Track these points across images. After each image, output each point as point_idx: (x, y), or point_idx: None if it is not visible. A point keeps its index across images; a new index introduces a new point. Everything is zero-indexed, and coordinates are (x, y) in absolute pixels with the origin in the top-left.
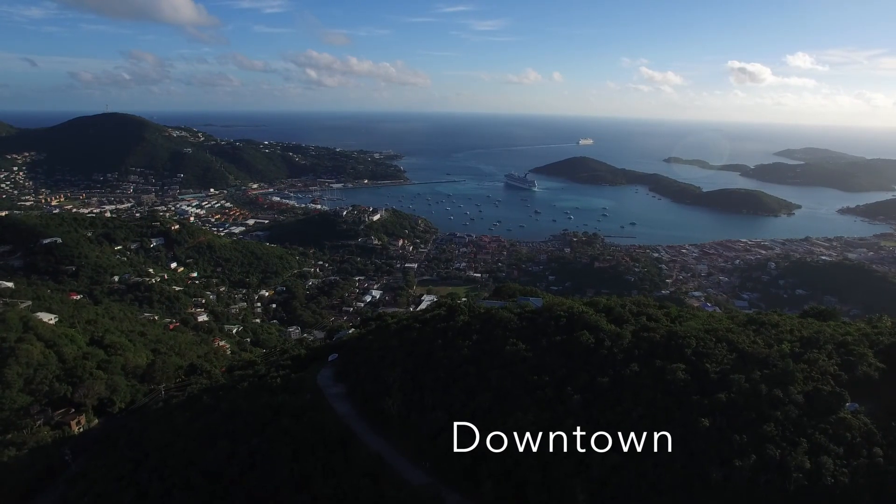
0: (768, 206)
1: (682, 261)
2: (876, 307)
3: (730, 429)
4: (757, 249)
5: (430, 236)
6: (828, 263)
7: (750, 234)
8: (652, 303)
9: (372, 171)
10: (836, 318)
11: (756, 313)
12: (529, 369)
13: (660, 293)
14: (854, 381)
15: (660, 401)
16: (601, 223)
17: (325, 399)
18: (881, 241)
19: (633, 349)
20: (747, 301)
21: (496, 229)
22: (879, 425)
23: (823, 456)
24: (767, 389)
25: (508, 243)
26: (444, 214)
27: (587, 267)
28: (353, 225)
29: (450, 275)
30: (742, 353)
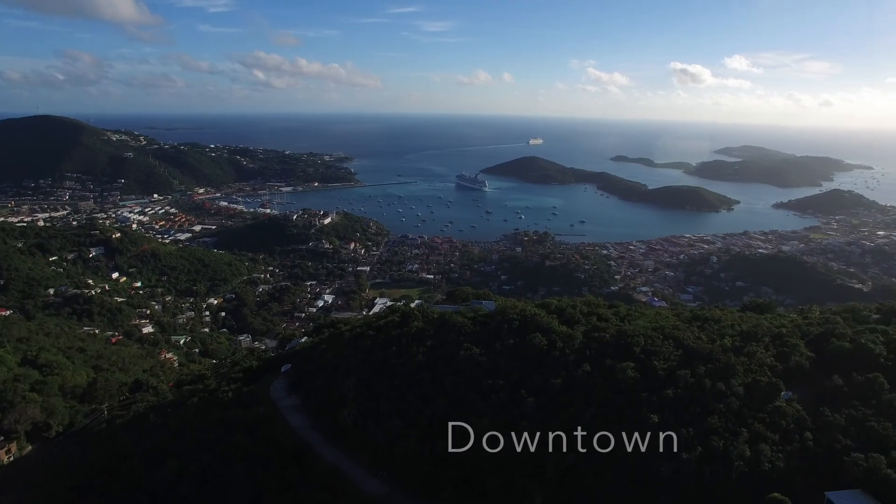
0: (710, 203)
1: (630, 257)
2: (807, 296)
3: (677, 423)
4: (700, 244)
5: (382, 238)
6: (764, 256)
7: (693, 230)
8: (602, 302)
9: (322, 173)
10: (772, 310)
11: (700, 308)
12: (484, 374)
13: (609, 289)
14: (788, 370)
15: (611, 400)
16: (551, 222)
17: (278, 412)
18: (811, 233)
19: (584, 350)
20: (692, 294)
21: (448, 230)
22: (810, 411)
23: (762, 444)
24: (711, 383)
25: (461, 244)
26: (396, 216)
27: (538, 266)
28: (304, 229)
29: (402, 277)
30: (687, 349)
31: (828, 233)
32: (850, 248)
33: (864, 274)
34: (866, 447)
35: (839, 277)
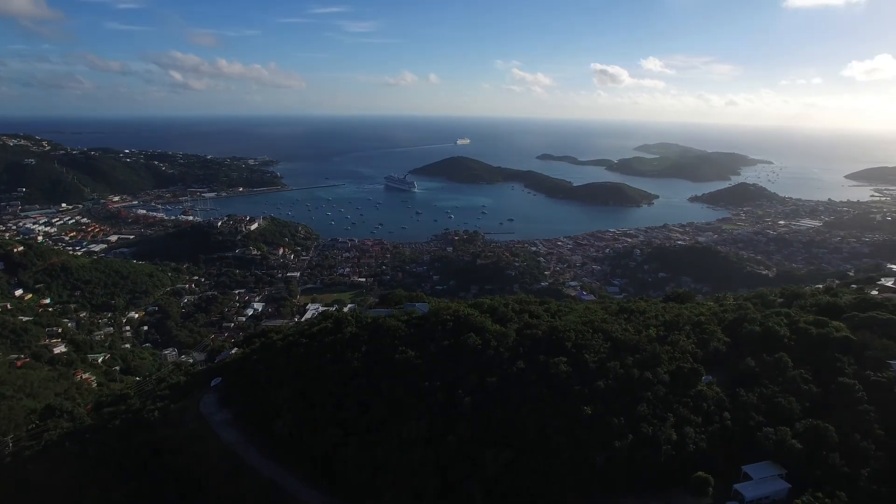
0: (631, 198)
1: (558, 253)
2: (722, 283)
3: (609, 413)
4: (624, 238)
5: (312, 243)
6: (683, 247)
7: (617, 224)
8: (533, 300)
9: (247, 178)
10: (691, 299)
11: (626, 301)
12: (420, 376)
13: (539, 285)
14: (707, 355)
15: (545, 395)
16: (481, 221)
17: (210, 428)
18: (723, 224)
19: (518, 347)
20: (618, 287)
21: (378, 232)
22: (727, 392)
23: (687, 427)
24: (639, 373)
25: (391, 246)
26: (325, 220)
27: (470, 265)
28: (230, 236)
29: (334, 281)
30: (616, 341)
31: (737, 223)
32: (757, 238)
33: (769, 261)
34: (775, 421)
35: (748, 265)
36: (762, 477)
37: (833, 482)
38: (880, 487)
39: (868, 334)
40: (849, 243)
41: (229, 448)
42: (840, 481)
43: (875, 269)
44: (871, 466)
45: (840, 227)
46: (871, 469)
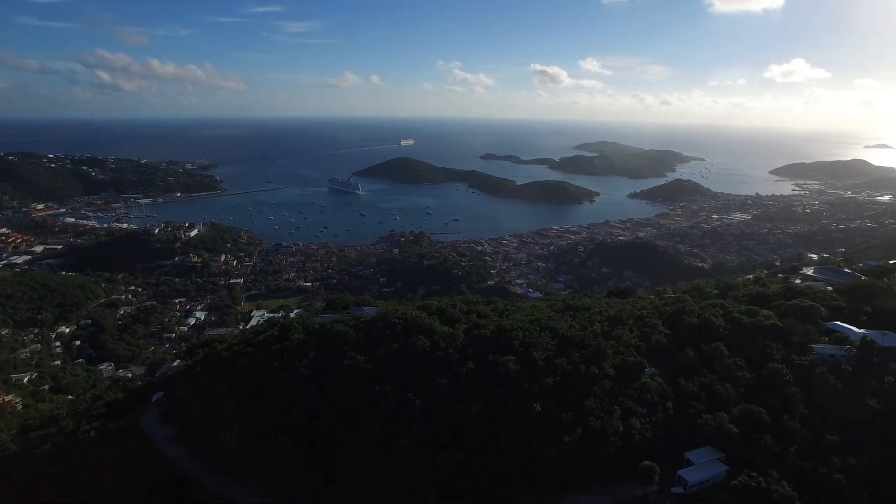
0: (574, 195)
1: (504, 251)
2: (662, 276)
3: (558, 409)
4: (567, 235)
5: (255, 248)
6: (624, 243)
7: (560, 222)
8: (480, 299)
9: (185, 183)
10: (633, 293)
11: (571, 298)
12: (370, 381)
13: (486, 284)
14: (650, 348)
15: (495, 394)
16: (426, 221)
17: (153, 445)
18: (661, 220)
19: (467, 347)
20: (563, 283)
21: (323, 235)
22: (669, 383)
23: (633, 418)
24: (586, 368)
25: (337, 249)
26: (268, 224)
27: (416, 266)
28: (168, 243)
29: (279, 287)
30: (562, 338)
31: (674, 218)
32: (693, 231)
33: (704, 253)
34: (714, 408)
35: (686, 258)
36: (703, 462)
37: (766, 461)
38: (805, 463)
39: (793, 321)
40: (775, 235)
41: (175, 464)
42: (772, 460)
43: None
44: (798, 444)
45: (767, 220)
46: (798, 447)
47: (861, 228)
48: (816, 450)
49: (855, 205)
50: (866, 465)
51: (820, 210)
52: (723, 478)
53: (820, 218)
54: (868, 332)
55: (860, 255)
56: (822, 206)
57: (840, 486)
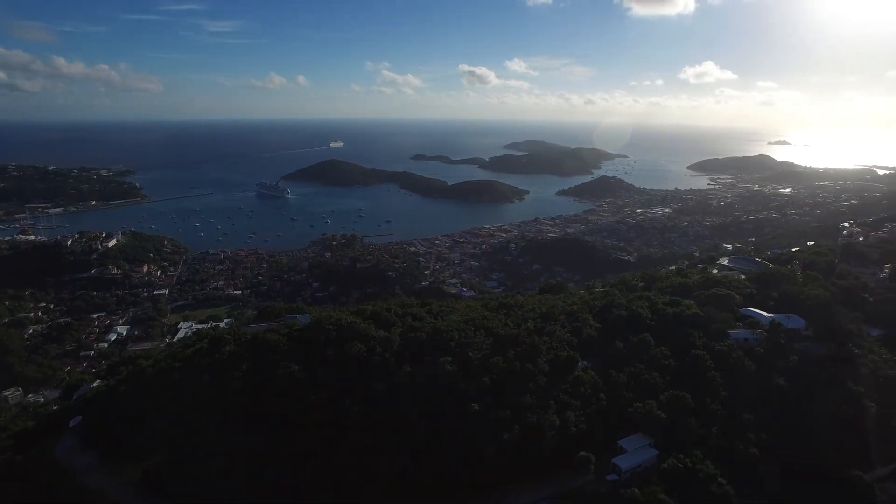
0: (504, 194)
1: (437, 252)
2: (591, 270)
3: (496, 407)
4: (499, 233)
5: (180, 257)
6: (554, 239)
7: (492, 221)
8: (415, 301)
9: (100, 190)
10: (564, 289)
11: (504, 296)
12: (306, 390)
13: (421, 285)
14: (582, 342)
15: (434, 396)
16: (358, 224)
17: (71, 475)
18: (589, 216)
19: (403, 351)
20: (496, 281)
21: (253, 241)
22: (601, 375)
23: (568, 411)
24: (521, 365)
25: (267, 255)
26: (194, 231)
27: (350, 269)
28: (83, 255)
29: (207, 296)
30: (497, 336)
31: (601, 214)
32: (619, 226)
33: (630, 247)
34: (643, 396)
35: (613, 252)
36: (635, 448)
37: (691, 443)
38: (724, 441)
39: (712, 309)
40: (693, 227)
41: (99, 494)
42: (696, 441)
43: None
44: (719, 424)
45: (686, 213)
46: (719, 427)
47: (768, 219)
48: (735, 428)
49: (762, 197)
50: (776, 439)
51: (732, 203)
52: (653, 462)
53: (733, 210)
54: (776, 315)
55: (768, 243)
56: (734, 198)
57: (755, 459)
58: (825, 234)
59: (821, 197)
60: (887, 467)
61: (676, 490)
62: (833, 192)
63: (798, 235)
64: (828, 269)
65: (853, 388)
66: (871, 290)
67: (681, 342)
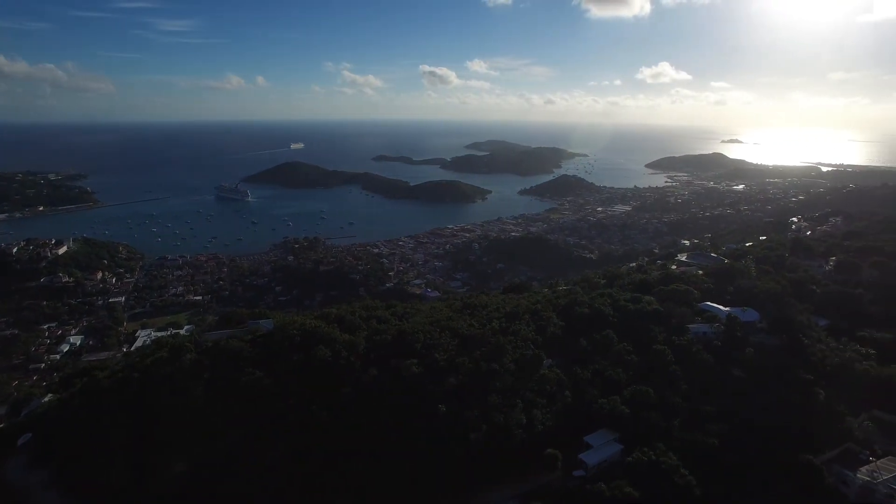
0: (466, 194)
1: (400, 253)
2: (554, 268)
3: (463, 407)
4: (462, 233)
5: (137, 263)
6: (517, 238)
7: (455, 220)
8: (379, 304)
9: (49, 195)
10: (528, 288)
11: (469, 296)
12: (272, 397)
13: (385, 286)
14: (546, 340)
15: (400, 398)
16: (321, 226)
17: (22, 496)
18: (551, 214)
19: (368, 354)
20: (460, 281)
21: (213, 246)
22: (566, 372)
23: (534, 409)
24: (487, 365)
25: (228, 259)
26: (151, 237)
27: (313, 272)
28: (31, 263)
29: (166, 303)
30: (463, 337)
31: (563, 212)
32: (580, 224)
33: (591, 244)
34: (607, 392)
35: (575, 250)
36: (600, 443)
37: (654, 436)
38: (685, 433)
39: (671, 304)
40: (652, 224)
41: None
42: (659, 434)
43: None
44: (680, 417)
45: (645, 210)
46: (680, 419)
47: (723, 215)
48: (696, 420)
49: (717, 194)
50: (734, 429)
51: (689, 200)
52: (619, 456)
53: (689, 207)
54: (732, 309)
55: (723, 239)
56: (691, 196)
57: (714, 449)
58: (776, 229)
59: (771, 193)
60: (835, 450)
61: (641, 483)
62: (782, 189)
63: (751, 230)
64: (779, 263)
65: (803, 376)
66: (819, 282)
67: (642, 338)
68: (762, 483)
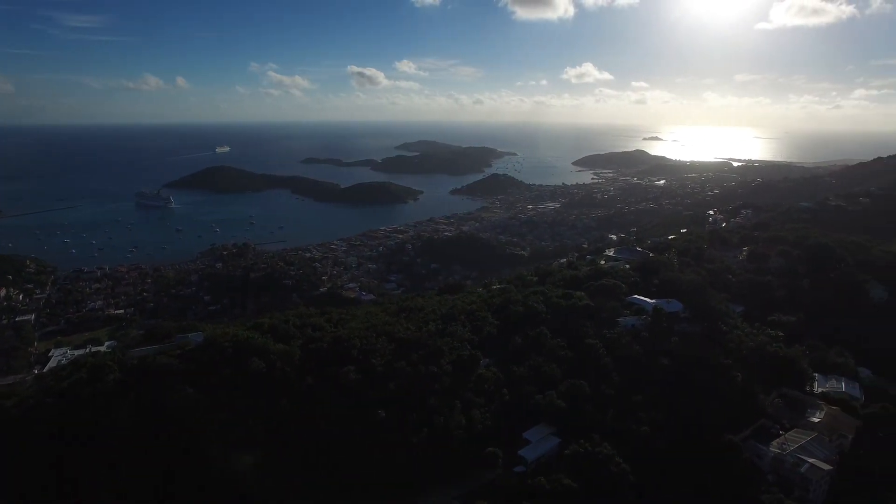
0: (398, 195)
1: (333, 256)
2: (488, 266)
3: (403, 411)
4: (395, 235)
5: (48, 277)
6: (450, 238)
7: (387, 222)
8: (314, 311)
9: None
10: (463, 288)
11: (404, 299)
12: (205, 413)
13: (318, 291)
14: (482, 340)
15: (338, 407)
16: (250, 231)
17: None
18: (482, 213)
19: (304, 363)
20: (395, 282)
21: (134, 256)
22: (503, 370)
23: (473, 409)
24: (425, 368)
25: (151, 269)
26: (64, 248)
27: (243, 279)
28: None
29: (84, 318)
30: (400, 341)
31: (494, 211)
32: (511, 222)
33: (523, 241)
34: (543, 387)
35: (507, 247)
36: (539, 438)
37: (589, 428)
38: (619, 423)
39: (601, 299)
40: (581, 220)
41: None
42: (594, 426)
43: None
44: (613, 407)
45: (574, 207)
46: (613, 410)
47: (647, 209)
48: (628, 409)
49: (640, 189)
50: (663, 415)
51: (615, 195)
52: (557, 449)
53: (615, 202)
54: (657, 301)
55: (648, 233)
56: (616, 192)
57: (646, 437)
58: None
59: (689, 188)
60: (750, 428)
61: (579, 474)
62: (699, 183)
63: (673, 224)
64: (699, 255)
65: (723, 361)
66: (734, 272)
67: (575, 333)
68: (691, 465)
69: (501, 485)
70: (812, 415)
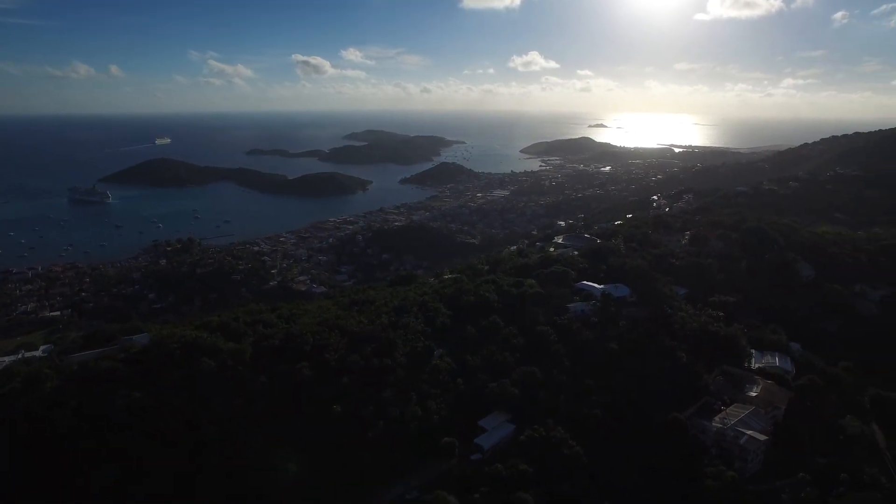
0: (347, 186)
1: (282, 249)
2: (439, 255)
3: (357, 405)
4: (345, 225)
5: None
6: (400, 228)
7: (337, 213)
8: (264, 308)
9: None
10: (415, 279)
11: (356, 291)
12: (154, 418)
13: (268, 285)
14: (436, 331)
15: (291, 404)
16: (195, 226)
17: None
18: (432, 202)
19: (256, 361)
20: (346, 273)
21: (70, 254)
22: (457, 361)
23: (429, 401)
24: (379, 361)
25: (89, 268)
26: None
27: (189, 275)
28: None
29: (14, 322)
30: (352, 335)
31: (444, 200)
32: (461, 210)
33: (474, 230)
34: (497, 376)
35: (458, 236)
36: (494, 426)
37: (543, 413)
38: (571, 408)
39: (551, 286)
40: (530, 207)
41: None
42: (548, 411)
43: (550, 227)
44: (566, 392)
45: (522, 194)
46: (566, 395)
47: (594, 196)
48: (580, 394)
49: (587, 176)
50: (614, 398)
51: (563, 182)
52: (512, 436)
53: (563, 189)
54: (605, 286)
55: (595, 218)
56: (564, 178)
57: (597, 420)
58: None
59: (634, 174)
60: (695, 405)
61: (534, 458)
62: (643, 169)
63: (619, 209)
64: (644, 240)
65: (668, 343)
66: (677, 255)
67: (527, 320)
68: (641, 445)
69: (459, 474)
70: (750, 389)
